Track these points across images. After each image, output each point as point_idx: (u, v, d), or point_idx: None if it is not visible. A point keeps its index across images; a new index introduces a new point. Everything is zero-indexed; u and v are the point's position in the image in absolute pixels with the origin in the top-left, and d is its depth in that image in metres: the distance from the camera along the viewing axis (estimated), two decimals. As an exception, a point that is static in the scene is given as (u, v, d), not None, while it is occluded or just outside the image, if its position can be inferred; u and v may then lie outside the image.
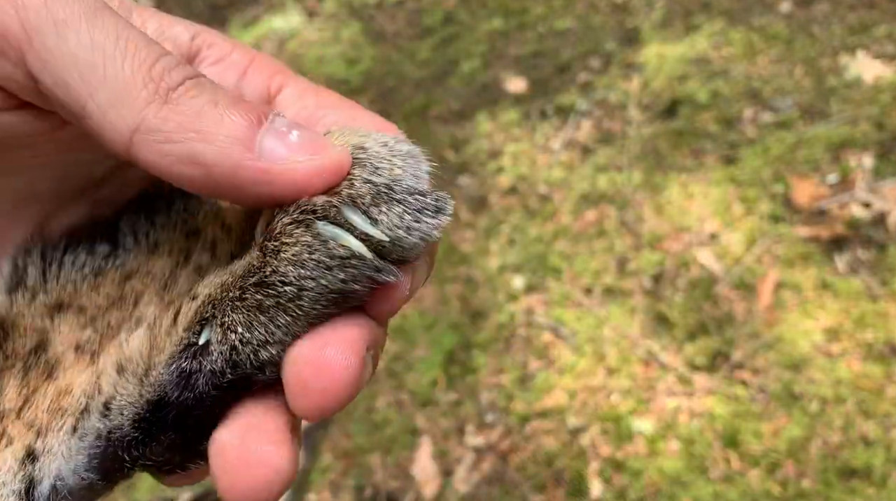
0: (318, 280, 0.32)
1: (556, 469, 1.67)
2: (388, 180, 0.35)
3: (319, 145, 0.33)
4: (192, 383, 0.34)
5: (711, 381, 1.71)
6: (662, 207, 2.02)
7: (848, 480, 1.53)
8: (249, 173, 0.31)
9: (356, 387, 0.32)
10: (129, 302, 0.39)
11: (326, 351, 0.32)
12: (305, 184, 0.32)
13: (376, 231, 0.33)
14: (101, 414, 0.37)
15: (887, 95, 2.10)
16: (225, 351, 0.34)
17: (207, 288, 0.36)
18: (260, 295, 0.33)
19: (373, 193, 0.34)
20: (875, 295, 1.75)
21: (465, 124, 2.42)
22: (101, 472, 0.37)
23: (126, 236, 0.41)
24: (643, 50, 2.45)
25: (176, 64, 0.32)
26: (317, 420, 0.32)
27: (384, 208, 0.33)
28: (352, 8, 3.03)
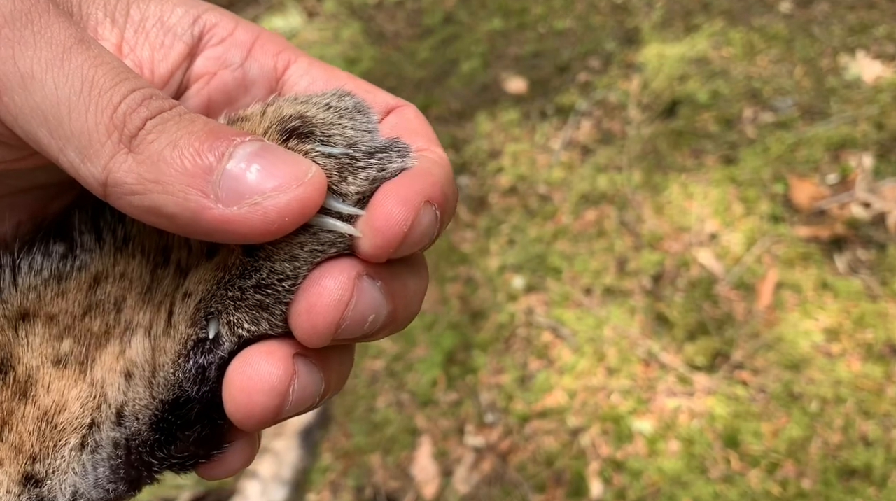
0: (313, 261, 0.33)
1: (556, 469, 1.67)
2: (346, 148, 0.34)
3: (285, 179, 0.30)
4: (207, 376, 0.35)
5: (711, 381, 1.71)
6: (662, 207, 2.02)
7: (848, 480, 1.53)
8: (209, 223, 0.30)
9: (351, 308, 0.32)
10: (108, 307, 0.37)
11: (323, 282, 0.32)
12: (271, 229, 0.30)
13: (352, 209, 0.33)
14: (115, 423, 0.36)
15: (887, 95, 2.10)
16: (234, 340, 0.34)
17: (201, 284, 0.35)
18: (260, 295, 0.33)
19: (337, 168, 0.33)
20: (875, 295, 1.75)
21: (465, 124, 2.42)
22: (128, 481, 0.37)
23: (83, 234, 0.38)
24: (643, 50, 2.45)
25: (140, 101, 0.30)
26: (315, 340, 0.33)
27: (351, 180, 0.33)
28: (352, 8, 3.03)
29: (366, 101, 0.38)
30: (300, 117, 0.35)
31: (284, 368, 0.33)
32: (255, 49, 0.40)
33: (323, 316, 0.32)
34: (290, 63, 0.40)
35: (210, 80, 0.39)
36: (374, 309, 0.33)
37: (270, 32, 0.41)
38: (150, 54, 0.37)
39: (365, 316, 0.33)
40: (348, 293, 0.32)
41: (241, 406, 0.33)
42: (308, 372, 0.34)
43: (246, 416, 0.33)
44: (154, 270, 0.37)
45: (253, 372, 0.33)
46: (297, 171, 0.30)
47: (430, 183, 0.34)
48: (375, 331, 0.34)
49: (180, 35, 0.38)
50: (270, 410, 0.33)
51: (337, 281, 0.32)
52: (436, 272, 2.05)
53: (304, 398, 0.34)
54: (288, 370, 0.33)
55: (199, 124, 0.31)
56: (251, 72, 0.39)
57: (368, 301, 0.33)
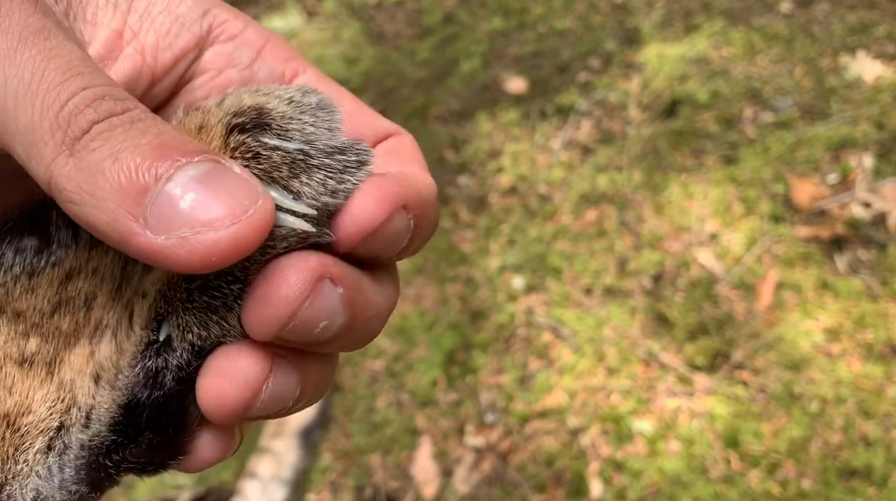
0: (263, 260, 0.31)
1: (556, 469, 1.67)
2: (302, 144, 0.32)
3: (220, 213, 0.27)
4: (160, 381, 0.34)
5: (711, 381, 1.71)
6: (662, 207, 2.02)
7: (848, 480, 1.53)
8: (136, 249, 0.27)
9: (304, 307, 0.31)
10: (78, 304, 0.35)
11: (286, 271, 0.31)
12: (194, 267, 0.27)
13: (301, 206, 0.31)
14: (83, 425, 0.35)
15: (887, 95, 2.10)
16: (187, 347, 0.33)
17: (156, 285, 0.34)
18: (206, 297, 0.32)
19: (288, 163, 0.32)
20: (875, 295, 1.75)
21: (465, 124, 2.41)
22: (89, 482, 0.36)
23: (60, 229, 0.36)
24: (643, 50, 2.44)
25: (90, 101, 0.28)
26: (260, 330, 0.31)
27: (304, 179, 0.32)
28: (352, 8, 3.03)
29: (332, 100, 0.36)
30: (258, 109, 0.33)
31: (262, 364, 0.32)
32: (264, 52, 0.39)
33: (275, 308, 0.30)
34: (299, 73, 0.39)
35: (216, 75, 0.38)
36: (329, 316, 0.31)
37: (281, 37, 0.40)
38: (155, 41, 0.36)
39: (317, 320, 0.31)
40: (307, 291, 0.30)
41: (212, 395, 0.32)
42: (284, 373, 0.33)
43: (215, 406, 0.32)
44: (124, 267, 0.36)
45: (230, 363, 0.32)
46: (237, 206, 0.27)
47: (410, 190, 0.33)
48: (325, 340, 0.32)
49: (188, 25, 0.37)
50: (241, 403, 0.32)
51: (299, 276, 0.30)
52: (436, 272, 2.05)
53: (277, 398, 0.33)
54: (265, 366, 0.32)
55: (149, 136, 0.28)
56: (259, 74, 0.39)
57: (324, 305, 0.31)
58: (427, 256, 2.08)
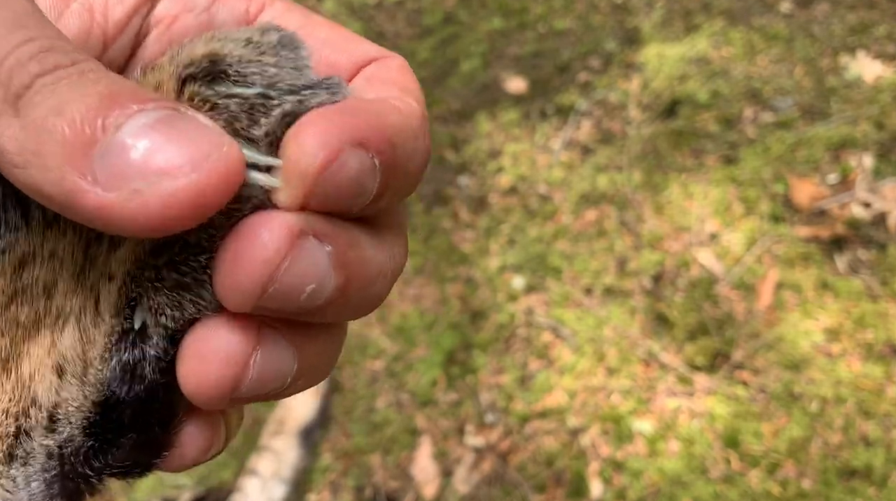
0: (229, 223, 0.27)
1: (556, 469, 1.67)
2: (262, 88, 0.28)
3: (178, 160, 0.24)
4: (139, 374, 0.30)
5: (711, 381, 1.71)
6: (662, 207, 2.02)
7: (848, 480, 1.53)
8: (85, 209, 0.24)
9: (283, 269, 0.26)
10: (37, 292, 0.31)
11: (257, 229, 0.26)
12: (151, 224, 0.24)
13: (266, 158, 0.27)
14: (47, 428, 0.31)
15: (887, 95, 2.10)
16: (161, 332, 0.30)
17: (122, 266, 0.30)
18: (176, 273, 0.29)
19: (245, 110, 0.28)
20: (875, 295, 1.75)
21: (465, 124, 2.42)
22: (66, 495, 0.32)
23: (8, 211, 0.32)
24: (643, 50, 2.45)
25: (34, 54, 0.25)
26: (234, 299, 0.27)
27: (263, 121, 0.28)
28: (352, 8, 3.03)
29: (297, 35, 0.31)
30: (211, 56, 0.29)
31: (245, 336, 0.28)
32: None
33: (247, 273, 0.26)
34: (265, 6, 0.35)
35: (171, 24, 0.34)
36: (316, 278, 0.27)
37: None
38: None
39: (302, 283, 0.27)
40: (283, 249, 0.26)
41: (192, 374, 0.28)
42: (275, 346, 0.29)
43: (197, 387, 0.28)
44: (87, 248, 0.32)
45: (210, 337, 0.28)
46: (197, 152, 0.24)
47: (367, 122, 0.27)
48: (318, 307, 0.28)
49: None
50: (226, 382, 0.28)
51: (273, 233, 0.26)
52: (436, 272, 2.05)
53: (270, 376, 0.29)
54: (249, 339, 0.28)
55: (99, 86, 0.25)
56: (218, 16, 0.34)
57: (308, 265, 0.27)
58: (427, 256, 2.08)
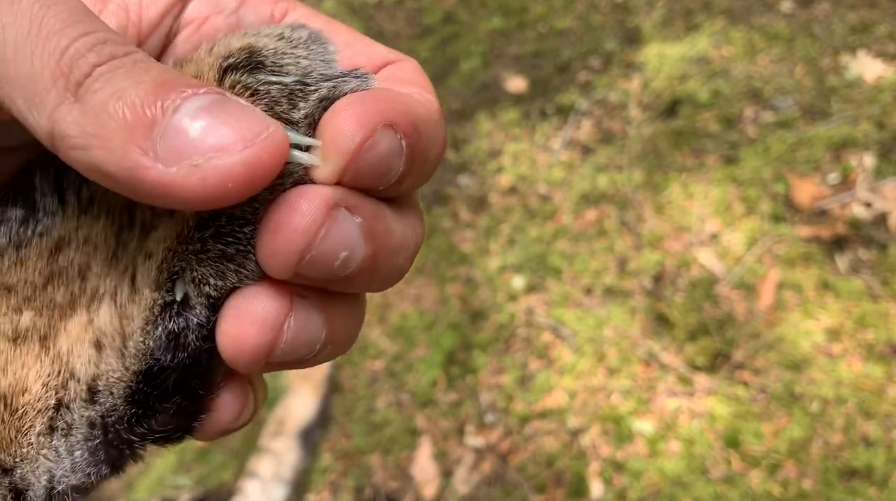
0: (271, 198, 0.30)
1: (556, 469, 1.66)
2: (298, 76, 0.32)
3: (232, 138, 0.27)
4: (182, 342, 0.32)
5: (712, 381, 1.70)
6: (662, 207, 2.02)
7: (849, 480, 1.53)
8: (148, 185, 0.27)
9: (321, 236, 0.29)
10: (72, 275, 0.34)
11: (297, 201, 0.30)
12: (211, 196, 0.27)
13: (305, 138, 0.30)
14: (87, 400, 0.33)
15: (888, 95, 2.09)
16: (203, 301, 0.32)
17: (162, 243, 0.33)
18: (221, 244, 0.31)
19: (286, 95, 0.31)
20: (876, 295, 1.75)
21: (465, 124, 2.41)
22: (109, 462, 0.34)
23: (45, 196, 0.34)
24: (643, 49, 2.44)
25: (91, 46, 0.27)
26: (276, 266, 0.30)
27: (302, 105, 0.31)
28: (352, 8, 3.03)
29: (323, 33, 0.35)
30: (248, 49, 0.32)
31: (280, 302, 0.31)
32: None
33: (289, 240, 0.29)
34: (288, 11, 0.37)
35: (201, 25, 0.37)
36: (348, 246, 0.30)
37: None
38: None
39: (336, 250, 0.30)
40: (320, 219, 0.29)
41: (231, 338, 0.31)
42: (307, 313, 0.32)
43: (236, 350, 0.31)
44: (119, 232, 0.34)
45: (247, 303, 0.31)
46: (248, 130, 0.27)
47: (396, 108, 0.30)
48: (349, 275, 0.31)
49: None
50: (263, 345, 0.31)
51: (311, 204, 0.29)
52: (436, 272, 2.05)
53: (301, 340, 0.31)
54: (284, 305, 0.31)
55: (152, 73, 0.27)
56: (246, 18, 0.37)
57: (342, 234, 0.30)
58: (427, 256, 2.08)
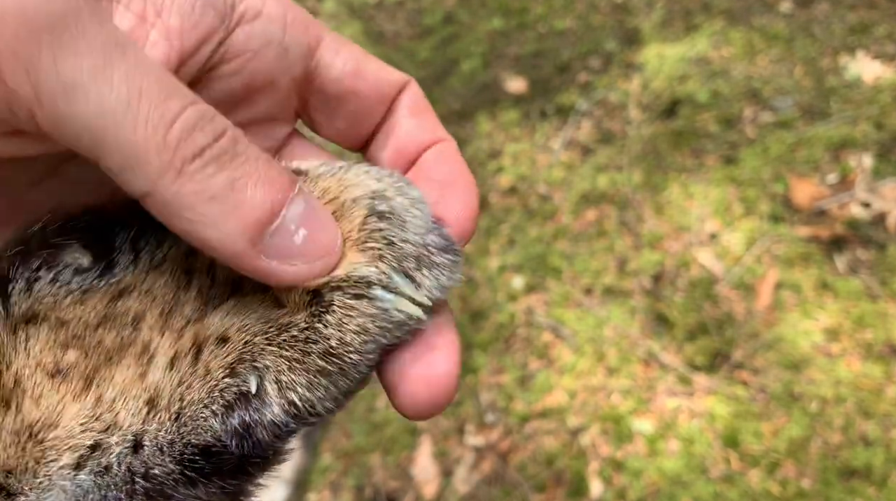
0: (379, 341, 0.34)
1: (556, 469, 1.67)
2: (422, 239, 0.35)
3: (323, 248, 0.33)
4: (251, 433, 0.34)
5: (711, 381, 1.71)
6: (662, 207, 2.02)
7: (848, 480, 1.53)
8: (248, 266, 0.31)
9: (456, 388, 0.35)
10: (125, 322, 0.35)
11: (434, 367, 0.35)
12: (296, 283, 0.33)
13: (422, 297, 0.35)
14: (132, 450, 0.34)
15: (887, 95, 2.10)
16: (284, 405, 0.34)
17: (242, 334, 0.35)
18: (323, 361, 0.34)
19: (415, 256, 0.35)
20: (875, 295, 1.75)
21: (465, 124, 2.42)
22: None
23: (123, 254, 0.36)
24: (643, 50, 2.45)
25: (195, 124, 0.29)
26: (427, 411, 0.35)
27: (425, 272, 0.35)
28: (352, 8, 3.03)
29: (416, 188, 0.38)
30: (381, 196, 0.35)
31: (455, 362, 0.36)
32: (288, 24, 0.37)
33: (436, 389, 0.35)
34: (321, 40, 0.39)
35: (252, 58, 0.37)
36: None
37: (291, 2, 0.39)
38: (180, 22, 0.34)
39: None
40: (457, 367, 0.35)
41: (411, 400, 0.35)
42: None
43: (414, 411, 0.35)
44: (177, 291, 0.36)
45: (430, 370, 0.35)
46: (332, 242, 0.33)
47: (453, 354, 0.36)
48: None
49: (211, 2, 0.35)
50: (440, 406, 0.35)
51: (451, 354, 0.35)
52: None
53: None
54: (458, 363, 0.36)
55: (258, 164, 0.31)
56: (291, 51, 0.37)
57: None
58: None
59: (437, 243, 0.36)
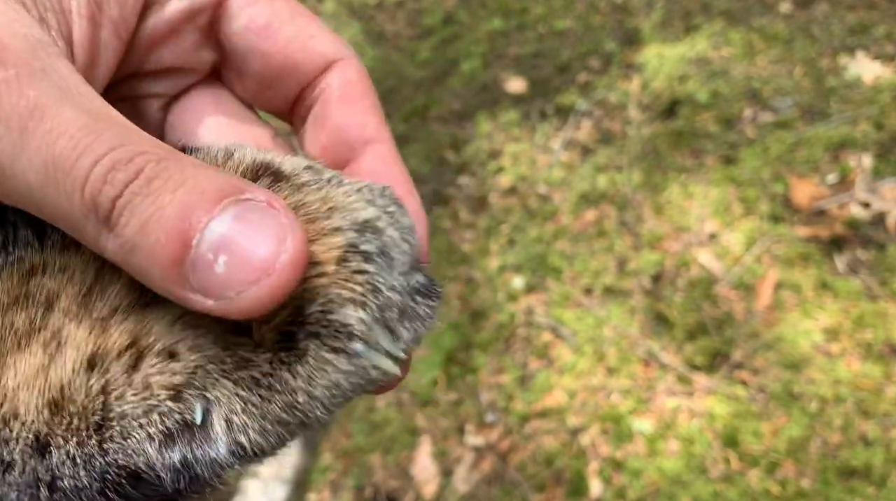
0: (347, 395, 0.30)
1: (556, 468, 1.67)
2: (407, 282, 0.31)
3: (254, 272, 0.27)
4: (189, 470, 0.30)
5: (711, 381, 1.71)
6: (662, 207, 2.02)
7: (847, 480, 1.53)
8: (191, 306, 0.28)
9: None
10: (37, 302, 0.31)
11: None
12: (251, 316, 0.28)
13: (399, 351, 0.31)
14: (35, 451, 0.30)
15: (886, 95, 2.10)
16: (231, 445, 0.30)
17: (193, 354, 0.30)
18: (284, 413, 0.30)
19: (400, 307, 0.31)
20: (874, 294, 1.75)
21: (465, 124, 2.42)
22: None
23: (19, 229, 0.33)
24: (643, 50, 2.45)
25: (104, 178, 0.28)
26: None
27: (407, 324, 0.31)
28: (352, 8, 3.03)
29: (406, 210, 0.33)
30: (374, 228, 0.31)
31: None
32: None
33: None
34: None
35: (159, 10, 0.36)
36: None
37: None
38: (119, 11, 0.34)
39: None
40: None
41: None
42: None
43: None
44: (100, 270, 0.32)
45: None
46: (267, 260, 0.27)
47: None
48: None
49: None
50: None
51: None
52: (436, 272, 2.05)
53: None
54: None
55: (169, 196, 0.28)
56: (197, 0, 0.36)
57: None
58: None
59: (420, 286, 0.32)
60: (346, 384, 0.29)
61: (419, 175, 2.29)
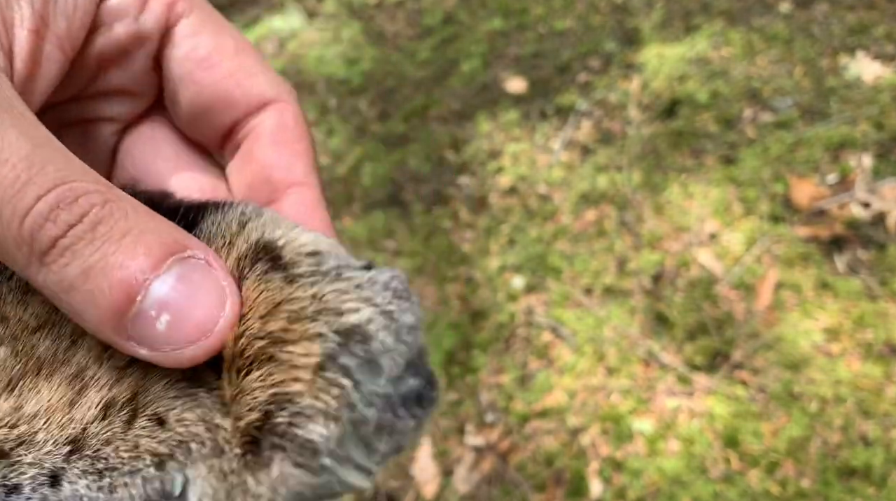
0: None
1: (556, 468, 1.67)
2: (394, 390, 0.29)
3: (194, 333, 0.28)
4: None
5: (711, 381, 1.71)
6: (662, 207, 2.02)
7: (847, 480, 1.53)
8: (123, 350, 0.29)
9: None
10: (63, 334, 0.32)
11: None
12: (181, 366, 0.29)
13: (372, 465, 0.29)
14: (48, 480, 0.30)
15: (886, 95, 2.10)
16: None
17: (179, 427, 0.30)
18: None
19: (377, 424, 0.29)
20: (874, 295, 1.75)
21: (465, 124, 2.42)
22: None
23: None
24: (643, 50, 2.45)
25: (47, 215, 0.28)
26: None
27: (385, 438, 0.29)
28: (352, 8, 3.03)
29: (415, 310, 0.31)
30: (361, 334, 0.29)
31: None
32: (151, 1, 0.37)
33: None
34: (182, 15, 0.37)
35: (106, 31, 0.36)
36: None
37: None
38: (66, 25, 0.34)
39: None
40: None
41: None
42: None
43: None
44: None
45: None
46: (206, 323, 0.29)
47: None
48: None
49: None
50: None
51: None
52: (436, 272, 2.05)
53: None
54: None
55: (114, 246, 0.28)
56: (144, 26, 0.37)
57: None
58: (427, 256, 2.08)
59: (411, 392, 0.29)
60: (310, 495, 0.29)
61: (419, 175, 2.29)
